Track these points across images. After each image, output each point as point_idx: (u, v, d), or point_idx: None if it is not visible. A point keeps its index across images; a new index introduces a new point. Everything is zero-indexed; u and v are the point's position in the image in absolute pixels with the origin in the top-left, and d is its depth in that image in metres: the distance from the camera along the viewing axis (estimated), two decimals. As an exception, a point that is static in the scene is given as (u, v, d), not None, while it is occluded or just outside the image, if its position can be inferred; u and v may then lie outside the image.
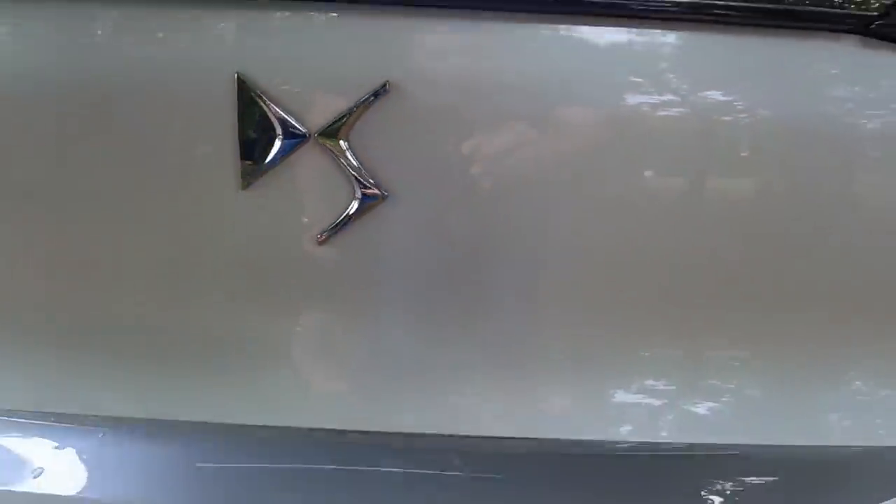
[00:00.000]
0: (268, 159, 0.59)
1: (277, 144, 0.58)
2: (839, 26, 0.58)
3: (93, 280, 0.66)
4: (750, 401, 0.68)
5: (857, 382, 0.68)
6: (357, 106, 0.57)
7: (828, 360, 0.67)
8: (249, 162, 0.59)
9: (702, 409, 0.68)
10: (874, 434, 0.69)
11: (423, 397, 0.67)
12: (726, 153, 0.59)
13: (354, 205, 0.60)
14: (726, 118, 0.59)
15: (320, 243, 0.61)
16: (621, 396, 0.68)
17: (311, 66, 0.58)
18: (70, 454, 0.83)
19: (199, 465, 0.81)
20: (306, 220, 0.62)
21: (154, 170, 0.61)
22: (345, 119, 0.58)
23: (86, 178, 0.62)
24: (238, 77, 0.57)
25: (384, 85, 0.57)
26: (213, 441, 0.84)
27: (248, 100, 0.57)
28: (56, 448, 0.84)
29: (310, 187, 0.61)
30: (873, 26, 0.58)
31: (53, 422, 0.87)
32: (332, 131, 0.58)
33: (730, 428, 0.68)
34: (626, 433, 0.68)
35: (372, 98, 0.57)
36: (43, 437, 0.86)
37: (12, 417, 0.88)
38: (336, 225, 0.61)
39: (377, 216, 0.60)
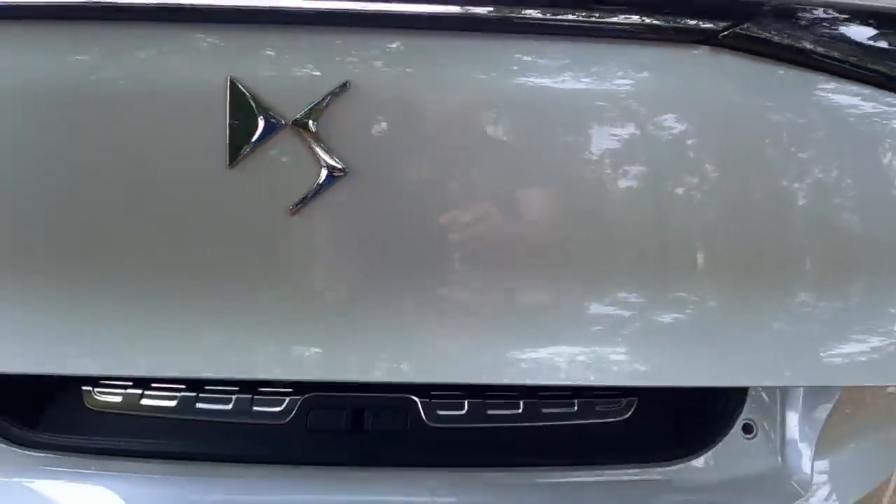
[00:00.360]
0: (251, 143, 0.70)
1: (259, 131, 0.70)
2: (691, 37, 0.72)
3: (102, 241, 0.74)
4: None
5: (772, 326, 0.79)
6: (324, 100, 0.70)
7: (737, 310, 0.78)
8: (236, 145, 0.70)
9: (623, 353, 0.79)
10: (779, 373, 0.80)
11: (386, 345, 0.76)
12: (617, 142, 0.74)
13: (321, 180, 0.71)
14: (595, 118, 0.73)
15: (293, 213, 0.72)
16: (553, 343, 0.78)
17: (288, 69, 0.71)
18: (113, 497, 0.96)
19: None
20: (281, 192, 0.72)
21: (159, 150, 0.72)
22: (314, 111, 0.70)
23: (104, 160, 0.73)
24: (230, 80, 0.70)
25: (345, 84, 0.70)
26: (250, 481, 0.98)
27: (237, 97, 0.69)
28: (99, 490, 0.99)
29: (284, 166, 0.71)
30: (720, 37, 0.72)
31: (96, 469, 1.04)
32: (303, 121, 0.70)
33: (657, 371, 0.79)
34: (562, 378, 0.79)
35: (335, 94, 0.70)
36: (87, 481, 0.99)
37: (59, 467, 1.04)
38: (306, 196, 0.71)
39: (339, 189, 0.71)
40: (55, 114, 0.72)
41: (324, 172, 0.70)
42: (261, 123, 0.69)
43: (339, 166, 0.70)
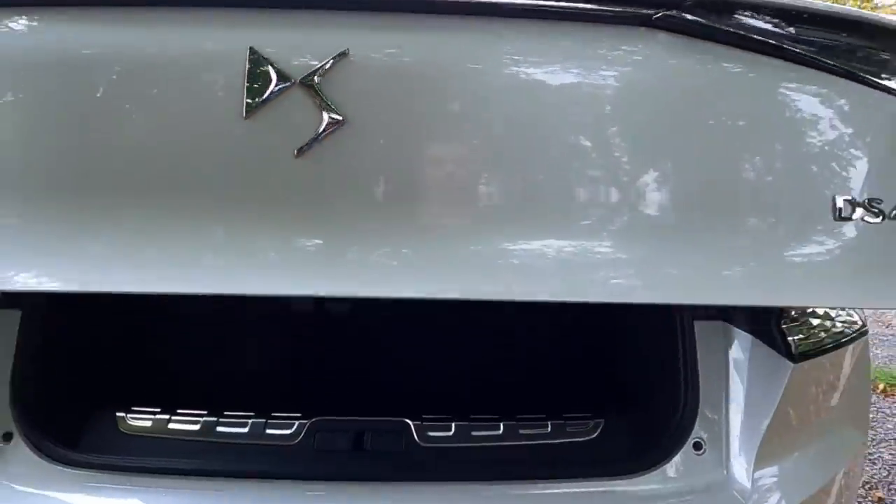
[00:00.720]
0: (264, 97, 0.83)
1: (271, 87, 0.83)
2: (633, 20, 0.88)
3: (139, 175, 0.86)
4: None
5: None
6: (326, 63, 0.84)
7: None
8: (251, 99, 0.83)
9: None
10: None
11: (379, 263, 0.86)
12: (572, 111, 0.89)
13: (322, 128, 0.83)
14: (558, 81, 0.89)
15: (297, 155, 0.84)
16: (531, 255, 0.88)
17: (298, 40, 0.85)
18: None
19: None
20: (288, 138, 0.84)
21: (191, 103, 0.85)
22: (317, 71, 0.84)
23: (147, 110, 0.86)
24: (250, 49, 0.83)
25: (344, 52, 0.84)
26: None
27: (255, 61, 0.83)
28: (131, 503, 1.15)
29: (291, 116, 0.84)
30: (653, 20, 0.88)
31: (129, 485, 1.17)
32: (308, 79, 0.83)
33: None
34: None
35: (336, 59, 0.84)
36: (120, 496, 1.12)
37: (96, 483, 1.17)
38: (309, 141, 0.84)
39: (337, 135, 0.84)
40: (119, 75, 0.86)
41: (324, 122, 0.83)
42: (273, 82, 0.83)
43: (338, 118, 0.83)
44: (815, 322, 1.20)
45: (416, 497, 1.13)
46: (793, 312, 1.16)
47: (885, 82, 0.90)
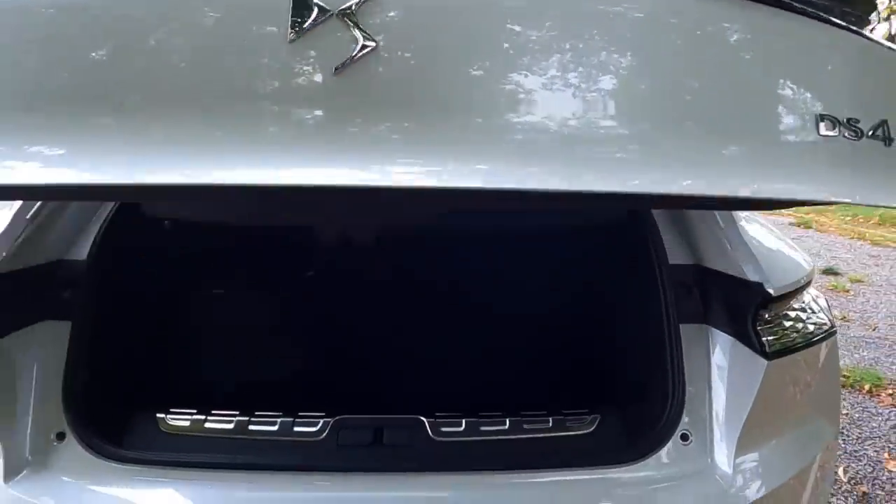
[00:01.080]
0: (306, 25, 0.92)
1: (313, 16, 0.92)
2: None
3: (195, 89, 0.94)
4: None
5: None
6: None
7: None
8: (296, 27, 0.92)
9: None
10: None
11: (403, 156, 0.94)
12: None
13: (356, 49, 0.92)
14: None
15: (335, 74, 0.93)
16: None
17: None
18: (183, 500, 1.23)
19: None
20: (327, 59, 0.93)
21: (243, 29, 0.94)
22: (354, 4, 0.93)
23: (202, 35, 0.94)
24: None
25: None
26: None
27: None
28: (172, 493, 1.24)
29: (331, 41, 0.93)
30: None
31: (170, 478, 1.28)
32: (347, 9, 0.93)
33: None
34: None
35: None
36: (162, 487, 1.25)
37: (141, 477, 1.29)
38: (346, 61, 0.92)
39: (371, 56, 0.93)
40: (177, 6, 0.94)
41: (360, 45, 0.93)
42: (314, 11, 0.93)
43: (372, 44, 0.93)
44: (787, 324, 1.33)
45: (431, 486, 1.26)
46: (766, 315, 1.30)
47: (860, 29, 1.03)
